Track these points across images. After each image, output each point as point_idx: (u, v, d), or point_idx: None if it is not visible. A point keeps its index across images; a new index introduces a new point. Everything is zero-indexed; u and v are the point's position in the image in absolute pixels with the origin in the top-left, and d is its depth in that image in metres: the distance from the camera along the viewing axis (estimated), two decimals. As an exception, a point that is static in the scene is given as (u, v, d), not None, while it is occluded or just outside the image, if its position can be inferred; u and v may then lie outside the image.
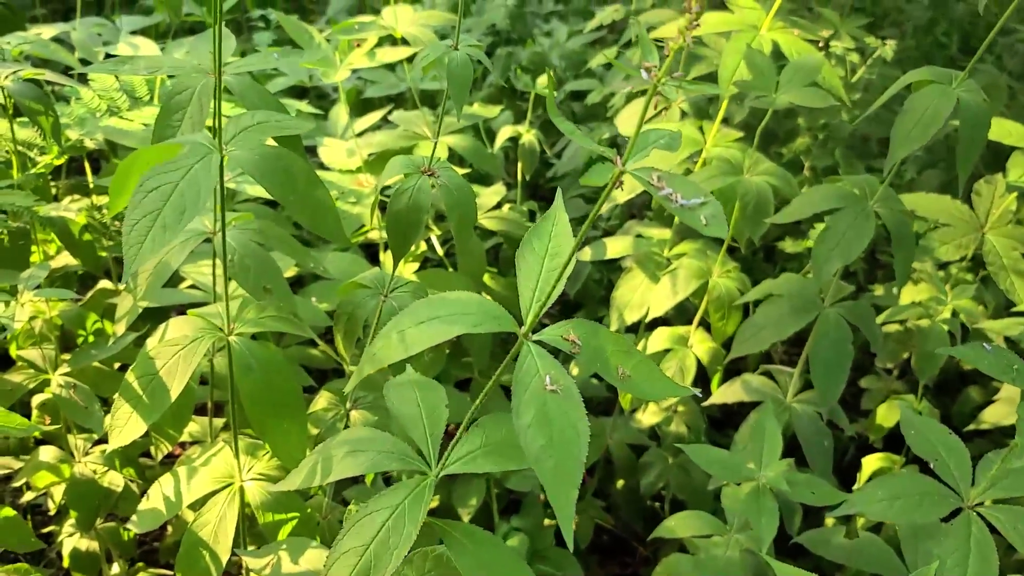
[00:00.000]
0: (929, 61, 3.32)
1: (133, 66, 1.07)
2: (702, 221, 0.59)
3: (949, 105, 1.09)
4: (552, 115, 0.61)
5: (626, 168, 0.60)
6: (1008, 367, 0.86)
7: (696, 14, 0.53)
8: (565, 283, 0.75)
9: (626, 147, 1.77)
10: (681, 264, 1.53)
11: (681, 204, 0.59)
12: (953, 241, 1.69)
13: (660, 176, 0.60)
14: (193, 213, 0.89)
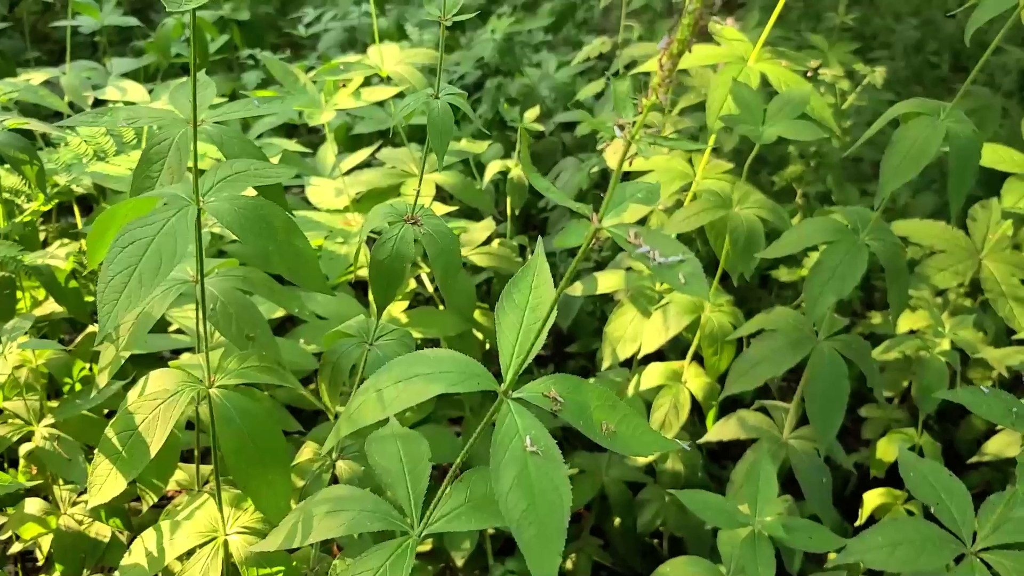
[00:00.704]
0: (920, 82, 3.32)
1: (112, 117, 1.06)
2: (680, 280, 0.57)
3: (938, 137, 1.08)
4: (526, 171, 0.60)
5: (602, 225, 0.59)
6: (1007, 410, 0.84)
7: (669, 70, 0.52)
8: (555, 322, 0.73)
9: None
10: (672, 299, 1.51)
11: (659, 262, 0.57)
12: (950, 268, 1.68)
13: (637, 233, 0.58)
14: (169, 268, 0.87)
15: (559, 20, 3.13)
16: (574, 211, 0.56)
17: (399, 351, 1.04)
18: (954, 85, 3.41)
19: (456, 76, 2.40)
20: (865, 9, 4.29)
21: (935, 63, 3.29)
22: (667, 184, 1.57)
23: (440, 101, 0.93)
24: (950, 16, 3.70)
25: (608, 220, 0.60)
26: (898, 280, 1.19)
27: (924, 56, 3.32)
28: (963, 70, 3.65)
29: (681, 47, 0.51)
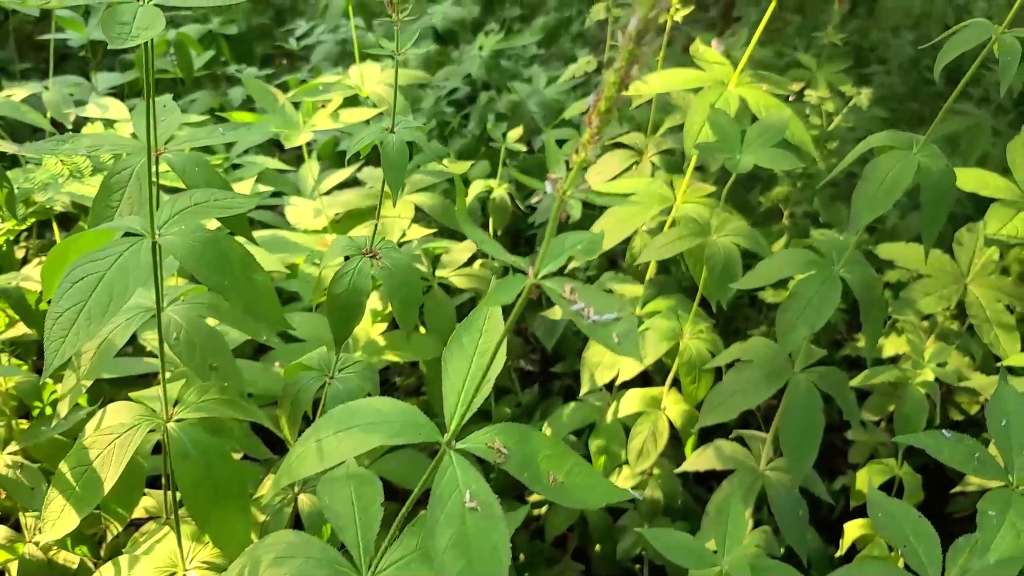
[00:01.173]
0: (916, 98, 3.30)
1: (74, 145, 1.05)
2: (614, 339, 0.55)
3: (910, 172, 1.06)
4: (461, 222, 0.58)
5: (538, 279, 0.57)
6: (969, 456, 0.82)
7: (597, 127, 0.50)
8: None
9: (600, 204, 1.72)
10: (651, 325, 1.50)
11: (593, 320, 0.55)
12: (935, 292, 1.66)
13: (573, 288, 0.56)
14: (119, 305, 0.86)
15: (551, 34, 3.12)
16: (488, 300, 0.54)
17: (360, 384, 1.02)
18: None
19: (445, 92, 2.39)
20: (864, 20, 4.28)
21: (931, 79, 3.27)
22: (647, 207, 1.55)
23: (395, 136, 0.92)
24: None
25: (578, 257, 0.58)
26: (873, 313, 1.17)
27: (920, 72, 3.30)
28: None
29: (609, 104, 0.49)
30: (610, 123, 0.54)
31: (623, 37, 0.47)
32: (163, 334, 1.12)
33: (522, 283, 0.56)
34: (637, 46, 0.47)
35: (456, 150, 2.27)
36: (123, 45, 0.76)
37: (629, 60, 0.47)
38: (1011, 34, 0.97)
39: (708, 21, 4.00)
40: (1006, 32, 0.98)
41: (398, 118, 0.94)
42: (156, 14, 0.81)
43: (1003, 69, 0.95)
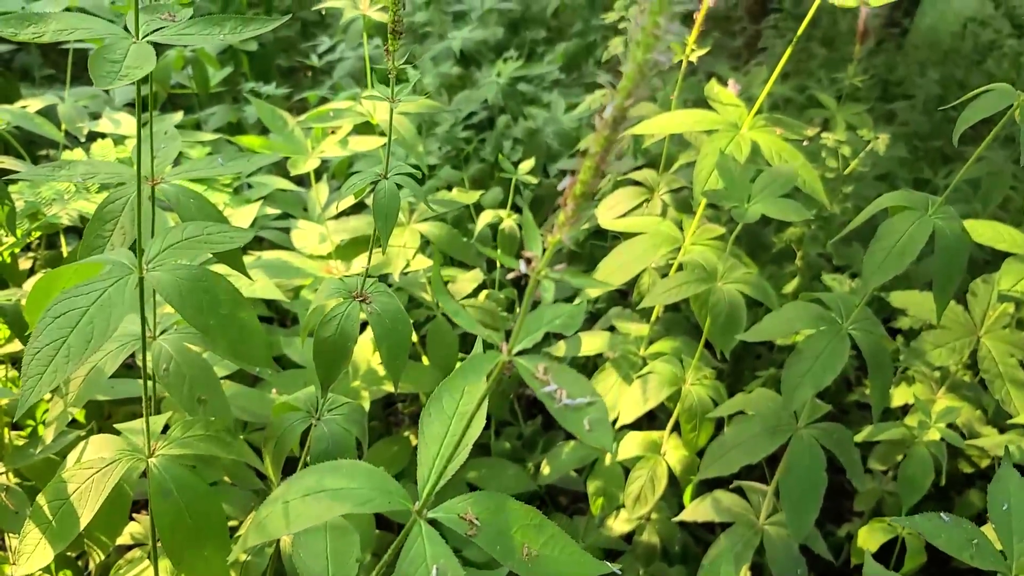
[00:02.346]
0: (939, 136, 3.26)
1: (70, 172, 1.04)
2: (585, 426, 0.53)
3: (924, 235, 1.03)
4: (438, 295, 0.56)
5: (512, 356, 0.55)
6: (967, 542, 0.78)
7: (573, 211, 0.48)
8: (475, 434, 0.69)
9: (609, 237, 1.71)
10: (654, 369, 1.46)
11: (564, 404, 0.53)
12: (947, 344, 1.62)
13: (547, 368, 0.54)
14: (100, 342, 0.84)
15: (573, 60, 3.10)
16: (456, 381, 0.52)
17: (346, 427, 1.00)
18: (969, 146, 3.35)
19: (463, 116, 2.38)
20: (891, 55, 4.23)
21: (955, 118, 3.22)
22: (655, 248, 1.53)
23: (388, 182, 0.90)
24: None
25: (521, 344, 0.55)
26: (880, 375, 1.13)
27: (945, 110, 3.26)
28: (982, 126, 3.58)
29: (584, 188, 0.47)
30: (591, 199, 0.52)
31: (600, 122, 0.45)
32: (154, 365, 1.11)
33: (494, 360, 0.54)
34: (614, 133, 0.45)
35: (471, 175, 2.26)
36: (110, 86, 0.74)
37: (605, 147, 0.45)
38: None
39: (733, 50, 3.98)
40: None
41: (393, 163, 0.92)
42: (148, 52, 0.80)
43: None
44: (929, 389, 1.77)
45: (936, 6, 6.31)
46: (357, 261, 1.60)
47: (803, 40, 1.41)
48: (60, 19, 0.84)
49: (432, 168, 2.20)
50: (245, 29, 0.85)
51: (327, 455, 0.96)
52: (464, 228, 2.13)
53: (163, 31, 0.86)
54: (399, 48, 0.97)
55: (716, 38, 3.98)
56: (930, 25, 5.63)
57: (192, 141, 1.76)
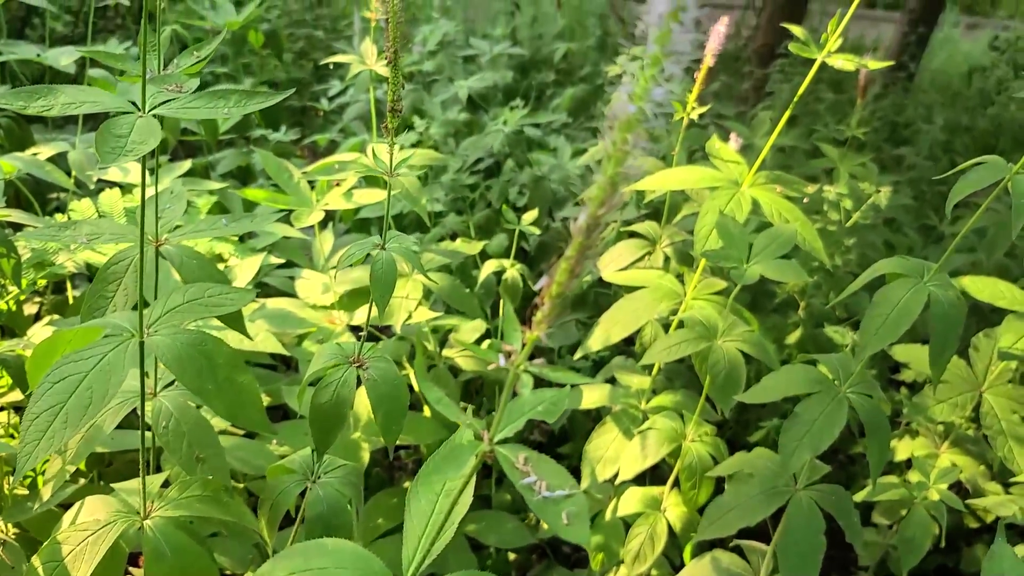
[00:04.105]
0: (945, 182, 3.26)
1: (74, 232, 1.06)
2: (563, 519, 0.53)
3: (920, 302, 1.03)
4: (419, 381, 0.57)
5: (493, 444, 0.55)
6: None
7: (550, 310, 0.49)
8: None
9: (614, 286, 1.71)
10: (654, 424, 1.46)
11: (544, 496, 0.53)
12: (949, 399, 1.61)
13: (527, 459, 0.54)
14: (98, 408, 0.86)
15: (581, 105, 3.14)
16: (428, 474, 0.53)
17: (341, 491, 1.00)
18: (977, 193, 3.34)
19: (469, 162, 2.40)
20: (899, 96, 4.25)
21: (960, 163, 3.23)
22: (657, 302, 1.53)
23: (385, 253, 0.91)
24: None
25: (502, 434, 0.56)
26: (877, 439, 1.13)
27: (950, 157, 3.27)
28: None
29: (560, 288, 0.48)
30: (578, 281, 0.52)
31: (574, 228, 0.46)
32: (153, 421, 1.12)
33: (475, 450, 0.54)
34: (588, 239, 0.46)
35: (476, 221, 2.28)
36: (114, 163, 0.76)
37: (580, 251, 0.46)
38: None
39: (740, 94, 4.01)
40: (1021, 172, 0.96)
41: (391, 233, 0.94)
42: (154, 127, 0.82)
43: (1016, 212, 0.93)
44: (932, 443, 1.76)
45: (944, 48, 6.34)
46: (360, 312, 1.61)
47: (811, 83, 1.42)
48: (68, 92, 0.87)
49: (438, 215, 2.22)
50: (249, 103, 0.87)
51: (322, 519, 0.97)
52: (469, 274, 2.14)
53: (169, 104, 0.88)
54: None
55: (723, 81, 4.01)
56: (938, 68, 5.67)
57: (199, 190, 1.78)
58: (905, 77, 4.40)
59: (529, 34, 4.26)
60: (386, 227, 0.94)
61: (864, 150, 3.21)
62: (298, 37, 3.89)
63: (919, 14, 4.37)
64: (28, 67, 2.64)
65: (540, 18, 4.59)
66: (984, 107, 4.23)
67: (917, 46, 4.49)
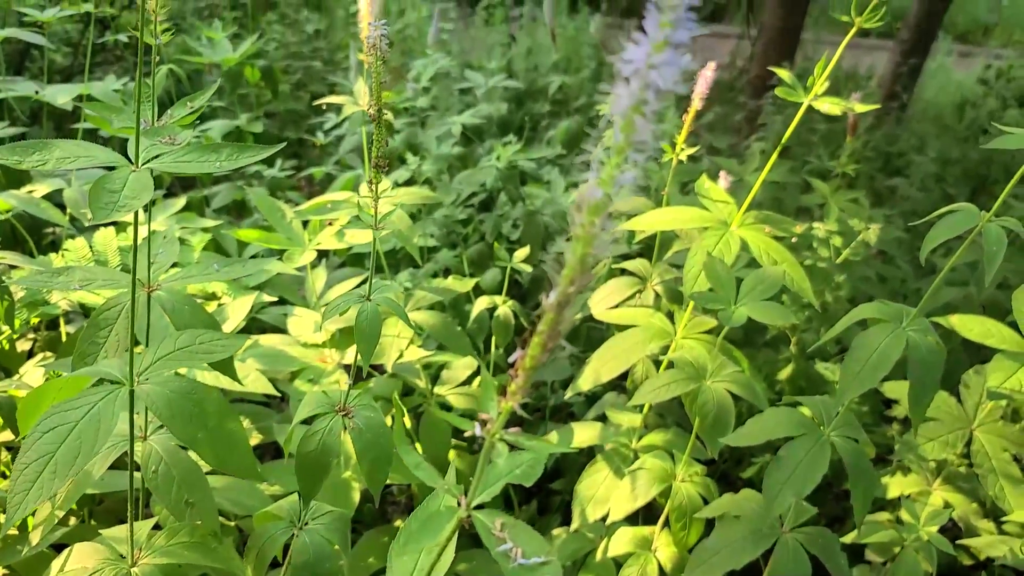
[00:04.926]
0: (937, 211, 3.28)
1: (67, 278, 1.07)
2: (541, 587, 0.54)
3: (898, 348, 1.04)
4: (399, 445, 0.58)
5: (470, 510, 0.56)
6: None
7: (522, 382, 0.50)
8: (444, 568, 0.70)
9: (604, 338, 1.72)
10: (644, 464, 1.47)
11: (519, 563, 0.54)
12: (940, 437, 1.62)
13: (504, 524, 0.55)
14: (88, 459, 0.86)
15: (574, 139, 3.17)
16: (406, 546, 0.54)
17: (328, 538, 1.01)
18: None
19: (463, 197, 2.42)
20: (891, 128, 4.29)
21: (952, 194, 3.27)
22: (647, 341, 1.55)
23: (371, 305, 0.92)
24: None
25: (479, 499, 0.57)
26: (861, 483, 1.14)
27: (942, 188, 3.30)
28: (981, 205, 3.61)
29: (533, 362, 0.49)
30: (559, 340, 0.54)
31: (546, 304, 0.47)
32: (143, 465, 1.12)
33: (453, 516, 0.55)
34: (559, 315, 0.47)
35: (469, 256, 2.29)
36: (108, 219, 0.77)
37: (552, 327, 0.47)
38: (997, 223, 0.96)
39: (734, 125, 4.05)
40: (992, 220, 0.97)
41: (376, 282, 0.95)
42: (147, 182, 0.84)
43: (988, 259, 0.94)
44: (924, 480, 1.77)
45: (937, 78, 6.41)
46: (351, 350, 1.62)
47: (805, 115, 1.44)
48: (63, 147, 0.88)
49: (432, 250, 2.24)
50: (241, 156, 0.89)
51: (308, 566, 0.97)
52: (462, 309, 2.15)
53: (162, 158, 0.90)
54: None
55: (717, 112, 4.05)
56: (931, 98, 5.72)
57: (194, 228, 1.80)
58: (898, 107, 4.44)
59: (525, 65, 4.30)
60: (371, 278, 0.95)
61: (857, 181, 3.25)
62: (295, 69, 3.93)
63: (911, 44, 4.41)
64: (25, 102, 2.66)
65: (535, 49, 4.64)
66: (975, 138, 4.27)
67: (910, 76, 4.53)
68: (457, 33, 4.61)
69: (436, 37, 3.16)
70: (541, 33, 4.79)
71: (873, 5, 1.35)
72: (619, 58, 0.40)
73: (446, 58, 2.91)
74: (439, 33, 3.30)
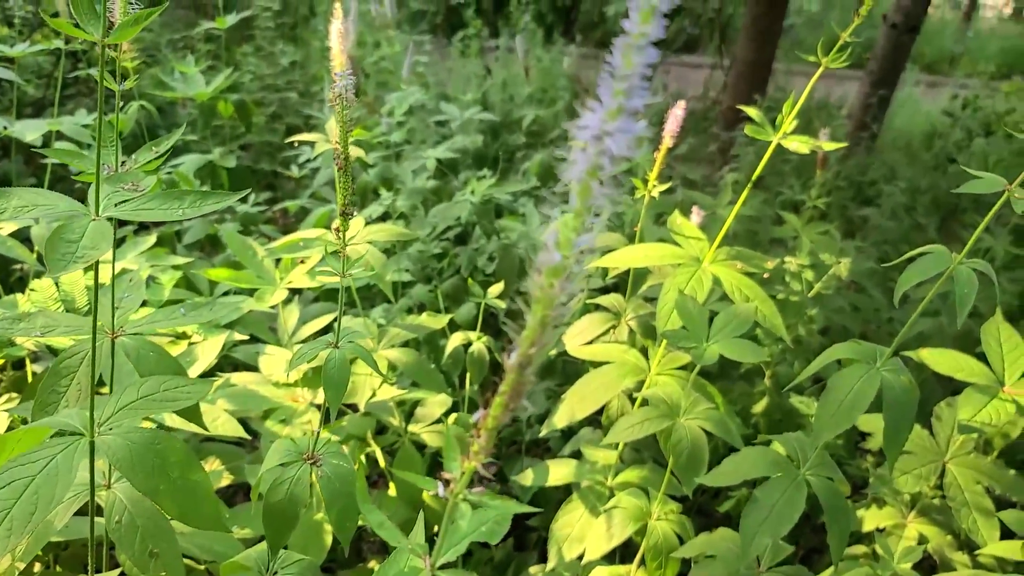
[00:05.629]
0: (908, 242, 3.33)
1: (28, 325, 1.05)
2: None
3: (873, 388, 1.04)
4: (362, 505, 0.56)
5: (434, 570, 0.55)
6: None
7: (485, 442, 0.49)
8: None
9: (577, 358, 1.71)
10: (620, 502, 1.46)
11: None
12: (913, 471, 1.62)
13: (470, 588, 0.54)
14: (44, 515, 0.84)
15: (548, 171, 3.18)
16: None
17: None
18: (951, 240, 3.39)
19: (438, 231, 2.42)
20: (862, 157, 4.35)
21: (923, 224, 3.31)
22: (622, 378, 1.54)
23: (339, 352, 0.91)
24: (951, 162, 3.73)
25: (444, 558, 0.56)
26: (837, 521, 1.13)
27: (913, 217, 3.34)
28: (950, 233, 3.67)
29: (495, 422, 0.48)
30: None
31: (507, 364, 0.47)
32: (106, 516, 1.09)
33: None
34: (521, 375, 0.46)
35: (444, 290, 2.28)
36: (64, 272, 0.76)
37: (514, 388, 0.47)
38: (968, 264, 0.97)
39: (708, 156, 4.09)
40: (963, 262, 0.98)
41: (345, 329, 0.94)
42: (107, 232, 0.82)
43: (959, 302, 0.95)
44: (899, 512, 1.76)
45: (906, 107, 6.53)
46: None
47: (778, 147, 1.45)
48: (22, 195, 0.87)
49: (406, 284, 2.23)
50: (204, 204, 0.88)
51: (276, 619, 0.95)
52: (437, 344, 2.14)
53: (124, 206, 0.88)
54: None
55: (690, 143, 4.09)
56: (900, 127, 5.82)
57: (164, 265, 1.78)
58: (868, 137, 4.51)
59: (500, 96, 4.33)
60: (339, 327, 0.94)
61: (830, 211, 3.28)
62: (271, 101, 3.93)
63: (880, 76, 4.49)
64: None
65: (511, 80, 4.67)
66: (944, 167, 4.34)
67: (879, 107, 4.61)
68: (433, 65, 4.63)
69: (411, 71, 3.17)
70: (517, 64, 4.83)
71: (838, 47, 1.37)
72: (574, 125, 0.40)
73: (420, 91, 2.92)
74: (413, 66, 3.31)
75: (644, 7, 0.36)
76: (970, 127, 3.87)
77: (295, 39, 5.27)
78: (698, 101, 5.49)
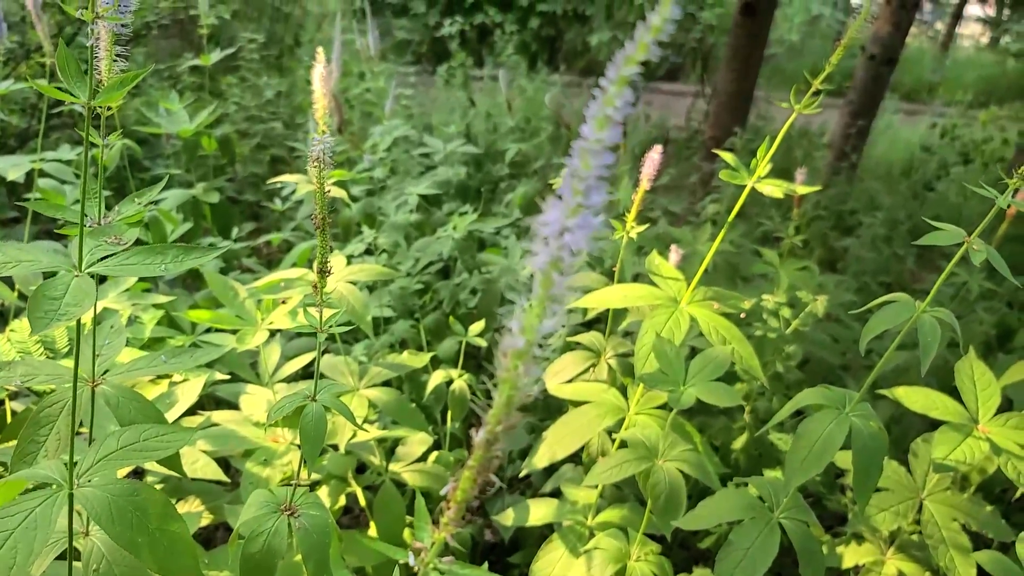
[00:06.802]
0: (887, 272, 3.37)
1: (8, 374, 1.06)
2: None
3: (842, 434, 1.06)
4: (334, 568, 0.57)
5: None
6: None
7: (456, 513, 0.50)
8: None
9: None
10: (599, 544, 1.47)
11: None
12: (891, 507, 1.63)
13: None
14: (24, 568, 0.84)
15: (532, 203, 3.21)
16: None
17: (275, 638, 0.99)
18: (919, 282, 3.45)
19: (421, 266, 2.43)
20: (843, 186, 4.41)
21: (901, 255, 3.36)
22: (601, 417, 1.56)
23: (316, 406, 0.92)
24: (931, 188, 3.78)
25: None
26: (811, 565, 1.15)
27: (892, 248, 3.39)
28: (930, 264, 3.72)
29: (464, 495, 0.50)
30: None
31: (476, 438, 0.48)
32: (83, 564, 1.09)
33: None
34: (488, 451, 0.48)
35: (426, 325, 2.30)
36: (47, 329, 0.77)
37: (481, 463, 0.48)
38: (931, 313, 1.00)
39: (690, 187, 4.13)
40: (927, 311, 1.01)
41: (323, 382, 0.95)
42: (89, 288, 0.83)
43: (924, 350, 0.97)
44: (878, 549, 1.78)
45: (886, 136, 6.62)
46: (305, 430, 1.60)
47: None
48: (5, 250, 0.88)
49: (388, 320, 2.24)
50: (186, 259, 0.89)
51: (253, 671, 0.95)
52: (418, 380, 2.15)
53: (107, 261, 0.89)
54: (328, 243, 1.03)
55: (672, 174, 4.14)
56: (880, 155, 5.91)
57: (145, 304, 1.78)
58: (848, 166, 4.57)
59: (484, 127, 4.37)
60: (316, 378, 0.96)
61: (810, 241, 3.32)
62: (255, 132, 3.95)
63: (859, 106, 4.56)
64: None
65: (495, 111, 4.72)
66: (923, 196, 4.41)
67: (859, 136, 4.68)
68: (418, 96, 4.67)
69: (393, 105, 3.20)
70: (501, 95, 4.88)
71: (811, 92, 1.41)
72: (537, 220, 0.42)
73: (404, 124, 2.95)
74: (397, 100, 3.34)
75: (599, 116, 0.38)
76: (946, 159, 3.94)
77: (280, 68, 5.31)
78: (680, 130, 5.56)
